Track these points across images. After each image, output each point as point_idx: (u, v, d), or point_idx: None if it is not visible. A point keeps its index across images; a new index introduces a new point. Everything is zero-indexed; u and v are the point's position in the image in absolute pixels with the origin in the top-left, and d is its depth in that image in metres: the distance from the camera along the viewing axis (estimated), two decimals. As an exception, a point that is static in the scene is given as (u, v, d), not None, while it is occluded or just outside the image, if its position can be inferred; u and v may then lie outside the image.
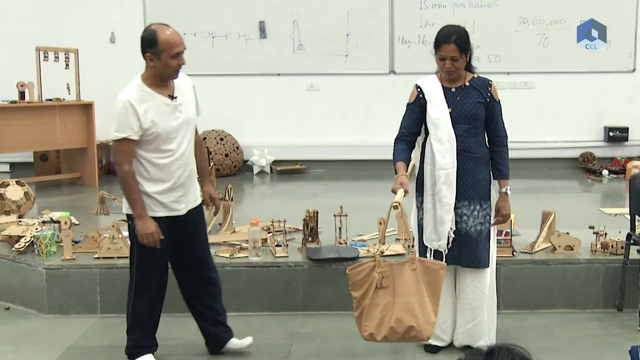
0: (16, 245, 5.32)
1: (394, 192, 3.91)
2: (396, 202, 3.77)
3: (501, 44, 9.05)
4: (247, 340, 4.35)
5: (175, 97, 3.97)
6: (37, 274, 5.14)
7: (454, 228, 4.15)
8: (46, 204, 6.98)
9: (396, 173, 4.03)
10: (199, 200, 4.19)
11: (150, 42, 3.85)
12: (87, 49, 8.56)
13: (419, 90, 4.21)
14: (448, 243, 4.15)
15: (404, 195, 3.87)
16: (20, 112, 7.79)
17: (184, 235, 4.13)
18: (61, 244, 5.28)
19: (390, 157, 4.18)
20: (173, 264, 4.24)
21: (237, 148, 9.15)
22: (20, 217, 6.13)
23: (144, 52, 3.87)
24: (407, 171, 4.07)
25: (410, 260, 3.82)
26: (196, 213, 4.16)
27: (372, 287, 3.80)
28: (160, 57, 3.84)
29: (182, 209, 4.05)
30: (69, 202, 7.48)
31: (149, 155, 3.91)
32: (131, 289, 4.13)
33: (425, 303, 3.75)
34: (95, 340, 4.70)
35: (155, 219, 3.94)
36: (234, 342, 4.34)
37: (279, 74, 9.29)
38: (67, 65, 8.13)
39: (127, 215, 4.04)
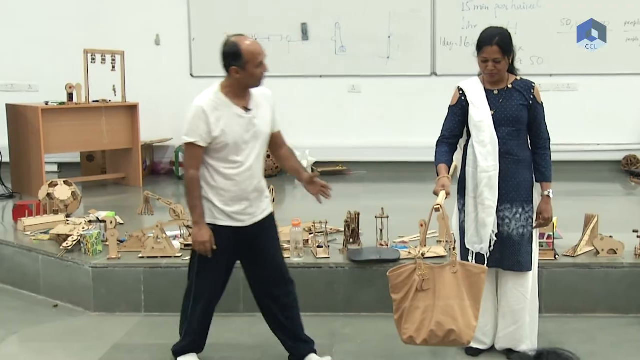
0: (64, 244, 5.43)
1: (436, 194, 3.92)
2: (438, 205, 3.79)
3: (544, 45, 8.96)
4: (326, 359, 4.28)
5: (250, 110, 3.96)
6: (84, 273, 5.25)
7: (496, 231, 4.14)
8: (92, 204, 7.10)
9: (438, 175, 4.04)
10: (267, 212, 4.14)
11: (234, 55, 3.83)
12: (133, 51, 8.67)
13: (461, 92, 4.21)
14: (490, 246, 4.15)
15: (446, 198, 3.88)
16: (68, 114, 7.93)
17: (255, 249, 4.09)
18: (107, 243, 5.37)
19: (432, 159, 4.19)
20: (248, 276, 4.22)
21: (279, 149, 9.21)
22: (67, 216, 6.26)
23: (228, 65, 3.86)
24: (449, 173, 4.08)
25: (451, 263, 3.82)
26: (264, 225, 4.11)
27: (412, 289, 3.80)
28: (246, 68, 3.83)
29: (245, 220, 4.01)
30: (114, 201, 7.60)
31: (217, 164, 3.92)
32: (189, 294, 4.15)
33: (466, 307, 3.74)
34: (140, 339, 4.79)
35: (218, 227, 3.95)
36: (313, 358, 4.25)
37: (320, 76, 9.33)
38: (113, 67, 8.25)
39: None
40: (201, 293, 4.11)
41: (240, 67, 3.83)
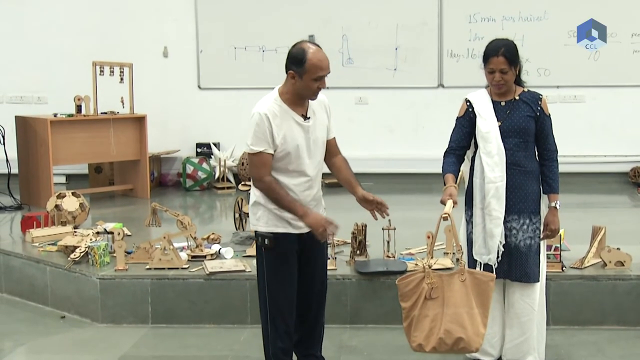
0: (72, 255, 5.45)
1: (443, 203, 3.93)
2: (446, 214, 3.80)
3: (551, 57, 8.97)
4: None
5: (308, 118, 3.90)
6: (91, 284, 5.26)
7: (504, 242, 4.15)
8: (100, 215, 7.13)
9: (445, 185, 4.05)
10: None
11: (297, 60, 3.78)
12: (141, 63, 8.71)
13: (468, 104, 4.23)
14: (498, 257, 4.15)
15: (453, 207, 3.88)
16: (76, 125, 7.96)
17: (312, 255, 4.01)
18: (114, 255, 5.38)
19: (439, 170, 4.20)
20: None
21: (286, 161, 9.22)
22: (75, 227, 6.28)
23: (288, 67, 3.81)
24: (456, 183, 4.09)
25: (459, 271, 3.83)
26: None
27: (421, 297, 3.81)
28: (303, 78, 3.77)
29: (303, 227, 3.86)
30: (121, 213, 7.62)
31: (276, 174, 3.83)
32: (265, 309, 3.98)
33: (475, 315, 3.75)
34: (147, 350, 4.79)
35: (278, 235, 3.85)
36: None
37: (327, 88, 9.32)
38: (121, 79, 8.29)
39: (256, 232, 3.93)
40: (279, 309, 3.94)
41: (298, 74, 3.77)
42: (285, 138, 3.79)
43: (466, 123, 4.21)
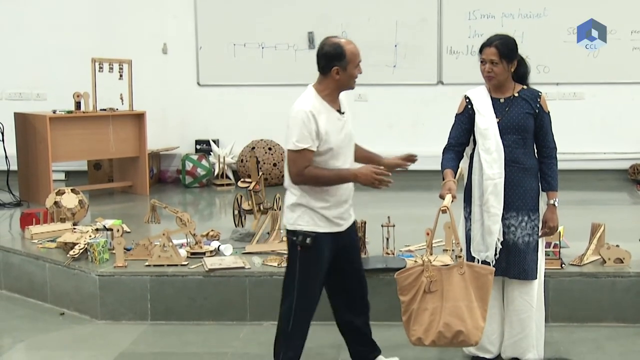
0: (71, 252, 5.44)
1: (442, 197, 3.94)
2: (445, 207, 3.80)
3: (550, 54, 8.96)
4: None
5: (343, 113, 3.98)
6: (91, 281, 5.26)
7: (502, 239, 4.15)
8: (99, 212, 7.12)
9: (444, 180, 4.06)
10: (353, 218, 4.14)
11: (338, 56, 3.84)
12: (140, 59, 8.70)
13: (467, 100, 4.24)
14: (496, 254, 4.15)
15: (452, 201, 3.89)
16: (75, 122, 7.96)
17: (347, 253, 4.07)
18: (113, 252, 5.39)
19: (439, 167, 4.21)
20: (330, 283, 4.13)
21: (285, 158, 9.21)
22: (74, 224, 6.28)
23: (330, 66, 3.85)
24: (455, 179, 4.09)
25: (458, 264, 3.84)
26: (352, 230, 4.14)
27: (420, 291, 3.82)
28: (347, 69, 3.86)
29: (343, 224, 3.99)
30: (120, 210, 7.62)
31: None
32: (290, 306, 3.97)
33: (474, 308, 3.76)
34: (146, 347, 4.79)
35: (319, 235, 3.88)
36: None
37: (327, 85, 9.34)
38: (120, 75, 8.28)
39: (289, 230, 3.95)
40: (304, 308, 3.98)
41: (342, 68, 3.84)
42: (328, 134, 3.85)
43: (465, 120, 4.22)
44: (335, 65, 3.84)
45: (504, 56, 4.07)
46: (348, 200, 4.01)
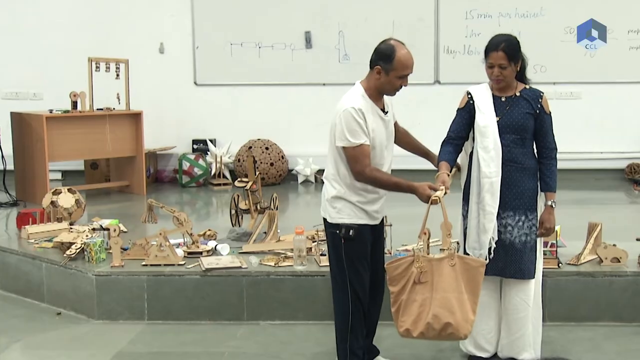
0: (67, 252, 5.44)
1: (433, 189, 3.92)
2: (436, 197, 3.79)
3: (547, 53, 8.95)
4: None
5: (386, 112, 4.03)
6: (87, 280, 5.25)
7: (496, 238, 4.15)
8: (96, 212, 7.11)
9: (438, 172, 4.06)
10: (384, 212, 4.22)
11: (386, 57, 3.90)
12: (137, 59, 8.69)
13: (469, 96, 4.25)
14: (490, 253, 4.15)
15: (445, 194, 3.87)
16: (72, 122, 7.94)
17: (377, 246, 4.18)
18: (110, 251, 5.38)
19: (435, 167, 4.20)
20: None
21: (282, 157, 9.21)
22: (71, 224, 6.26)
23: (375, 63, 3.92)
24: (450, 172, 4.08)
25: (449, 256, 3.80)
26: (382, 224, 4.27)
27: (410, 282, 3.79)
28: (389, 74, 3.90)
29: (379, 217, 4.10)
30: (117, 209, 7.61)
31: None
32: (346, 301, 3.99)
33: (464, 300, 3.72)
34: (143, 347, 4.79)
35: (360, 226, 3.95)
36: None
37: (324, 84, 9.33)
38: (117, 75, 8.27)
39: (330, 224, 4.00)
40: (360, 297, 4.01)
41: (385, 70, 3.89)
42: (374, 132, 3.90)
43: (466, 115, 4.23)
44: (379, 65, 3.89)
45: (511, 59, 4.08)
46: (383, 196, 4.08)
